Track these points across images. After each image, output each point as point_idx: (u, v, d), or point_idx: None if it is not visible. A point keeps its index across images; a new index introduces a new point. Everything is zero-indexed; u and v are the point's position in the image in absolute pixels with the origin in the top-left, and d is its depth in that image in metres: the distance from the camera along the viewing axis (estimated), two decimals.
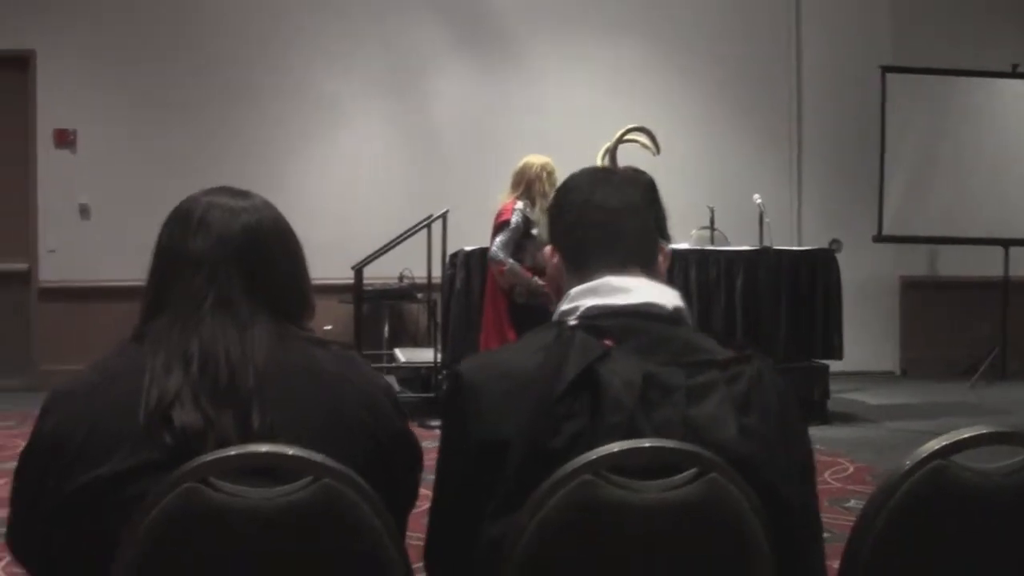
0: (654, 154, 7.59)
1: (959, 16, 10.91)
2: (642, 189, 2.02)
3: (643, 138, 7.68)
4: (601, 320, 1.83)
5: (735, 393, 1.73)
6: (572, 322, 1.85)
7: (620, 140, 7.35)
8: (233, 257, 1.83)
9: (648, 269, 1.95)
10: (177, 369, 1.70)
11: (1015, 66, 10.50)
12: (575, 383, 1.69)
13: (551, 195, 7.08)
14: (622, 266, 1.92)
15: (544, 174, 7.27)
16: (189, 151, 9.75)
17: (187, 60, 9.95)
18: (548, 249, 2.04)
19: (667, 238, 2.08)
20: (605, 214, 1.96)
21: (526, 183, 7.27)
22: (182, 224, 1.87)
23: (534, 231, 7.20)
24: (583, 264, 1.94)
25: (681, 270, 8.25)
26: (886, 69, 10.26)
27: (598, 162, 7.32)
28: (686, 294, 8.08)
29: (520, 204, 7.19)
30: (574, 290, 1.91)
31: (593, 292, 1.88)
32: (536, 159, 7.35)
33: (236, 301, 1.80)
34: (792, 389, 1.88)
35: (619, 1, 10.60)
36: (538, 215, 7.15)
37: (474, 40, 10.49)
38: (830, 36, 10.89)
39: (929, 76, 10.36)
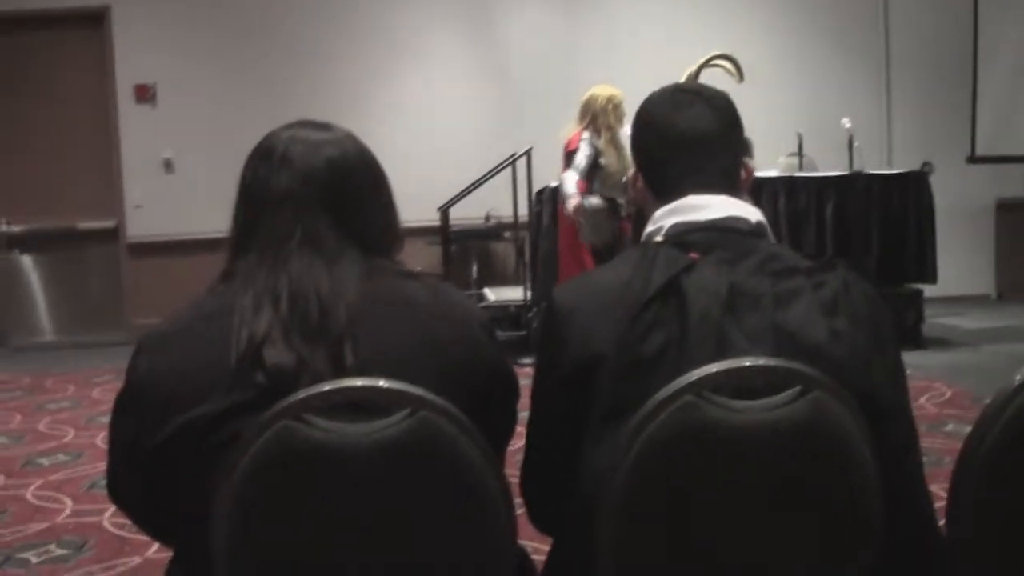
0: (738, 81, 7.47)
1: None
2: (721, 109, 1.99)
3: (726, 63, 7.57)
4: (685, 236, 1.84)
5: (822, 298, 1.73)
6: (658, 239, 1.86)
7: (704, 66, 7.25)
8: (318, 191, 1.80)
9: (730, 188, 1.94)
10: (267, 307, 1.68)
11: None
12: (661, 292, 1.70)
13: (617, 127, 7.09)
14: (704, 186, 1.91)
15: (610, 106, 7.26)
16: (268, 101, 9.76)
17: (260, 9, 9.97)
18: (632, 172, 2.05)
19: (750, 155, 2.07)
20: (685, 136, 1.94)
21: (592, 115, 7.27)
22: (265, 160, 1.84)
23: (602, 161, 7.19)
24: (666, 186, 1.94)
25: (770, 198, 8.16)
26: None
27: None
28: (775, 222, 8.08)
29: (587, 135, 7.18)
30: (658, 212, 1.92)
31: (676, 211, 1.89)
32: (602, 90, 7.32)
33: (323, 236, 1.77)
34: (879, 295, 1.87)
35: None
36: (604, 145, 7.12)
37: None
38: None
39: None
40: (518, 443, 1.90)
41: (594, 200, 7.23)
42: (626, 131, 7.18)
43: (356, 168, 1.86)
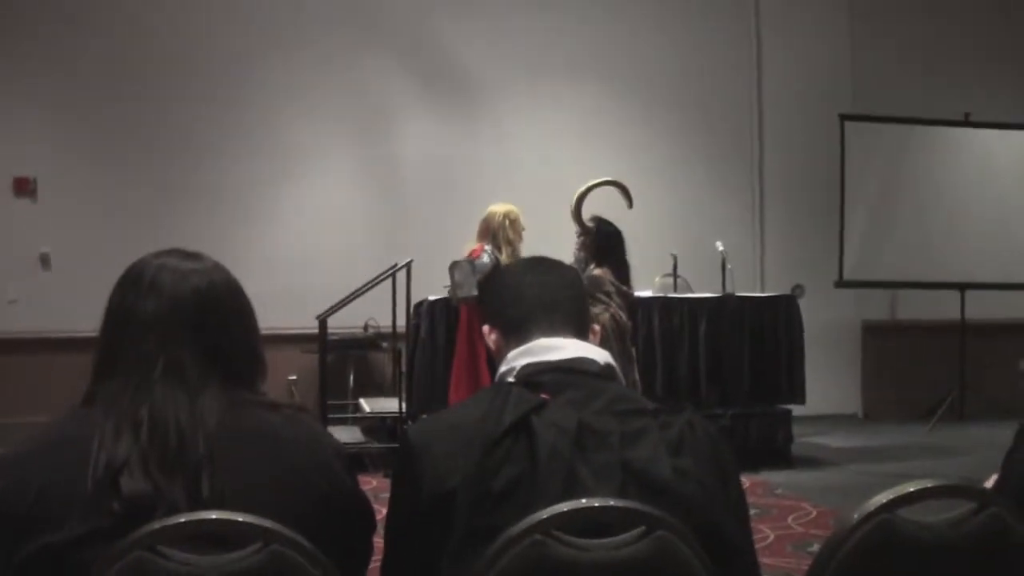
0: (628, 207, 7.63)
1: (915, 66, 11.13)
2: (572, 273, 2.17)
3: (615, 191, 7.72)
4: (537, 376, 1.93)
5: (668, 437, 1.81)
6: (510, 380, 1.94)
7: (588, 191, 7.38)
8: (183, 320, 1.83)
9: (580, 335, 2.05)
10: (127, 435, 1.69)
11: (967, 115, 10.68)
12: (512, 430, 1.77)
13: (516, 242, 7.18)
14: (555, 330, 2.02)
15: (507, 222, 7.34)
16: (151, 201, 9.71)
17: (149, 107, 9.89)
18: (486, 328, 2.14)
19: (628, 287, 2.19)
20: (538, 288, 2.07)
21: (491, 232, 7.32)
22: (133, 286, 1.86)
23: None
24: (519, 333, 2.03)
25: (645, 317, 8.30)
26: (844, 117, 10.41)
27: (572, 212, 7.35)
28: (650, 341, 8.20)
29: (488, 247, 7.25)
30: (511, 353, 2.01)
31: (528, 352, 1.98)
32: (499, 208, 7.40)
33: (187, 365, 1.79)
34: (725, 437, 1.97)
35: (582, 50, 10.69)
36: (505, 260, 7.19)
37: (438, 89, 10.55)
38: (790, 84, 11.05)
39: (886, 124, 10.52)
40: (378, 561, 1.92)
41: (485, 259, 7.24)
42: (523, 246, 7.29)
43: (223, 299, 1.90)
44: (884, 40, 11.17)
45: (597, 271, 6.90)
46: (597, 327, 2.15)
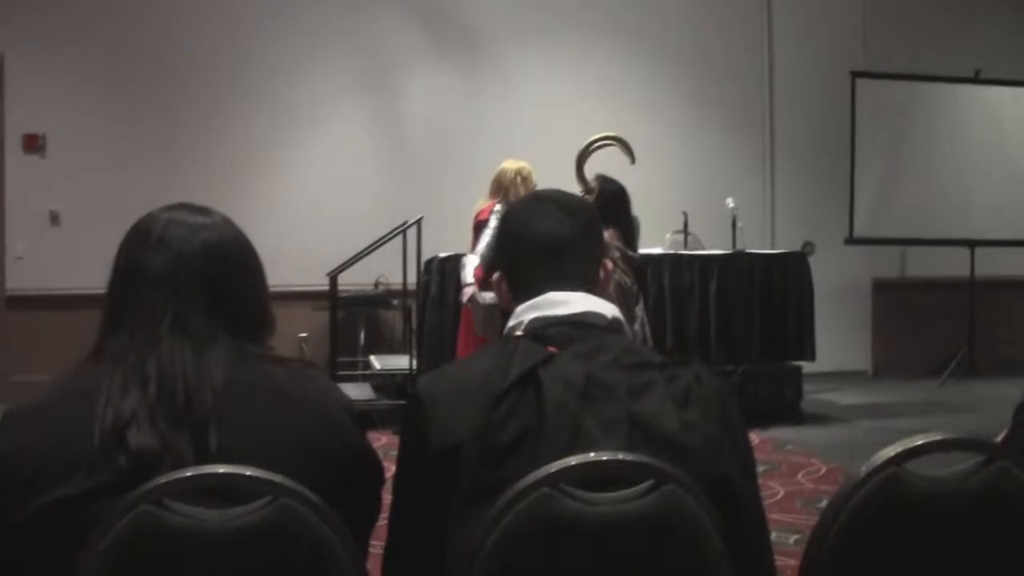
0: (630, 163, 7.58)
1: (926, 23, 11.05)
2: (577, 214, 2.10)
3: (616, 146, 7.67)
4: (544, 330, 1.93)
5: (674, 390, 1.82)
6: (518, 334, 1.94)
7: (589, 148, 7.32)
8: (192, 275, 1.82)
9: (587, 287, 2.03)
10: (134, 390, 1.70)
11: (978, 71, 10.62)
12: (519, 383, 1.77)
13: None
14: (563, 284, 2.01)
15: (519, 179, 7.29)
16: (159, 158, 9.70)
17: (156, 66, 9.87)
18: (496, 276, 2.13)
19: (634, 248, 2.17)
20: (542, 241, 2.04)
21: (503, 189, 7.29)
22: (141, 241, 1.86)
23: None
24: (527, 285, 2.03)
25: (655, 274, 8.30)
26: (856, 74, 10.36)
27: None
28: (660, 298, 8.19)
29: (499, 207, 7.20)
30: (519, 307, 2.01)
31: (536, 307, 1.98)
32: (512, 164, 7.37)
33: (194, 320, 1.79)
34: (732, 390, 1.98)
35: (591, 6, 10.62)
36: None
37: (446, 45, 10.49)
38: (801, 41, 10.98)
39: (897, 81, 10.48)
40: (386, 517, 1.93)
41: (487, 296, 7.12)
42: None
43: (231, 254, 1.89)
44: None
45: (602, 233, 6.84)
46: (609, 263, 2.13)
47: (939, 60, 10.64)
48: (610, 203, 6.70)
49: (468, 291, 7.06)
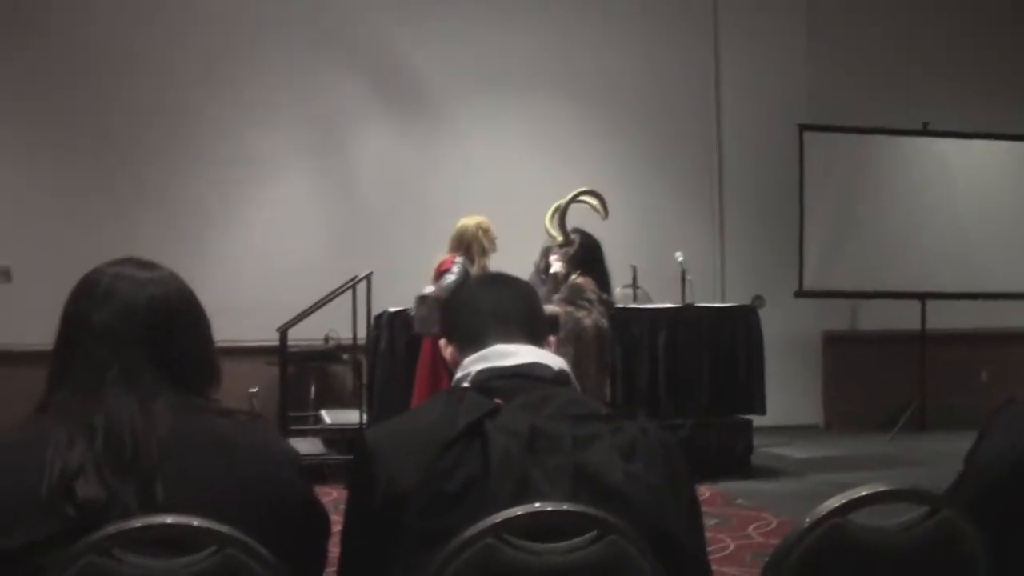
0: (603, 218, 7.66)
1: (873, 75, 11.19)
2: (526, 287, 2.22)
3: (593, 200, 7.77)
4: (490, 381, 1.96)
5: (620, 442, 1.83)
6: (464, 385, 1.97)
7: (571, 201, 7.41)
8: (138, 329, 1.84)
9: (536, 342, 2.07)
10: (80, 442, 1.70)
11: (926, 124, 10.77)
12: (465, 434, 1.79)
13: (490, 251, 7.23)
14: (510, 338, 2.05)
15: (480, 232, 7.39)
16: (110, 213, 9.66)
17: (106, 120, 9.86)
18: (442, 341, 2.19)
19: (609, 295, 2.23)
20: (493, 300, 2.12)
21: (465, 244, 7.35)
22: (88, 295, 1.87)
23: None
24: (475, 341, 2.07)
25: None
26: (803, 127, 10.48)
27: (547, 222, 7.39)
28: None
29: (460, 259, 7.26)
30: (467, 359, 2.04)
31: (483, 358, 2.01)
32: (471, 220, 7.44)
33: (140, 373, 1.80)
34: (678, 443, 2.00)
35: (539, 60, 10.71)
36: (476, 272, 7.21)
37: (397, 101, 10.55)
38: (748, 95, 11.11)
39: (844, 134, 10.60)
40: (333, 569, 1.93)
41: (428, 289, 7.27)
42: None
43: (177, 308, 1.91)
44: (842, 51, 11.23)
45: (580, 279, 7.02)
46: (552, 338, 2.17)
47: (887, 113, 10.77)
48: (588, 253, 7.07)
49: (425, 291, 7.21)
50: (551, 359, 2.03)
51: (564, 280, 7.03)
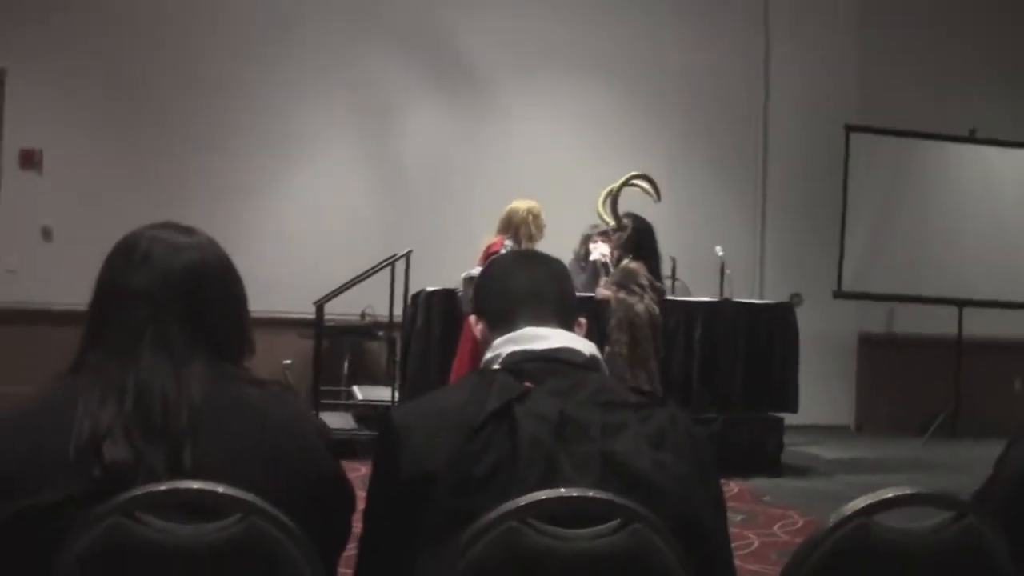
0: (655, 201, 7.65)
1: (923, 81, 11.12)
2: (559, 267, 2.19)
3: (645, 184, 7.76)
4: (521, 364, 1.94)
5: (648, 431, 1.83)
6: (495, 367, 1.96)
7: (624, 185, 7.41)
8: (174, 293, 1.84)
9: (566, 326, 2.06)
10: (111, 403, 1.71)
11: (972, 131, 10.69)
12: (493, 417, 1.79)
13: (537, 238, 7.24)
14: (541, 320, 2.04)
15: (531, 217, 7.39)
16: (154, 181, 9.72)
17: (156, 89, 9.92)
18: (472, 318, 2.17)
19: (660, 280, 2.20)
20: (525, 280, 2.10)
21: (513, 227, 7.35)
22: (125, 258, 1.88)
23: None
24: (506, 322, 2.05)
25: None
26: (850, 128, 10.43)
27: (599, 206, 7.39)
28: None
29: (509, 242, 7.26)
30: (497, 341, 2.03)
31: (514, 340, 2.00)
32: (522, 204, 7.45)
33: (174, 338, 1.81)
34: (706, 435, 2.00)
35: (589, 47, 10.69)
36: None
37: (442, 80, 10.55)
38: (797, 93, 11.07)
39: (891, 137, 10.54)
40: (355, 547, 1.94)
41: (474, 271, 7.26)
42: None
43: (214, 275, 1.91)
44: (892, 53, 11.17)
45: (632, 264, 7.02)
46: (583, 320, 2.15)
47: (934, 117, 10.70)
48: (640, 238, 7.04)
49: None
50: (582, 344, 2.01)
51: (617, 263, 7.05)
